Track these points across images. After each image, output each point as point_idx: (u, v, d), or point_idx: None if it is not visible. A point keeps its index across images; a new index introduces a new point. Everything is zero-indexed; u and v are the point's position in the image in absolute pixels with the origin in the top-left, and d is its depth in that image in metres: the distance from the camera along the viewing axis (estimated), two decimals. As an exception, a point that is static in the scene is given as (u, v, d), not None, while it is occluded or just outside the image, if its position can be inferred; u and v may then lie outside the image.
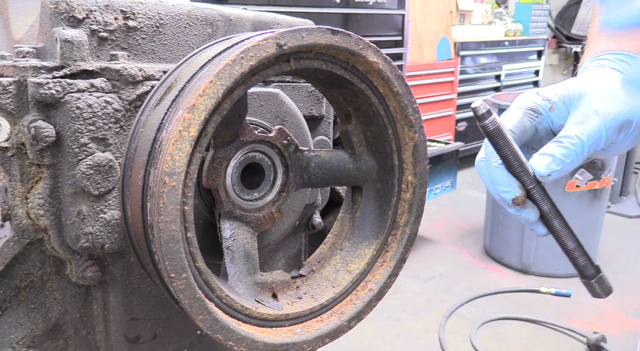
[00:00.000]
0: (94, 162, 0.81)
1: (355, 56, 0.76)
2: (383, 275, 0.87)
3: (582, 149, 0.83)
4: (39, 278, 0.88)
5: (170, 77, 0.81)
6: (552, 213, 0.86)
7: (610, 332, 3.22)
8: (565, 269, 3.98)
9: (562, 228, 0.87)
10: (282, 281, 0.84)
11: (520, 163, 0.84)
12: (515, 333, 3.32)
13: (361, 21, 4.68)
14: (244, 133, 0.81)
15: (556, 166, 0.83)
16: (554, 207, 0.87)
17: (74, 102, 0.79)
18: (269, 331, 0.76)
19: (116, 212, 0.85)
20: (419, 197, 0.87)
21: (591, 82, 0.88)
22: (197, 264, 0.69)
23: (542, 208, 0.86)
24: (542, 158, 0.84)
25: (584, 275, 0.89)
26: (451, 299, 3.67)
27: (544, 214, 0.87)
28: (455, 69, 6.28)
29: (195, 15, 0.95)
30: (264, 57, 0.68)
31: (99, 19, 0.85)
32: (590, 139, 0.83)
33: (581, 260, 0.88)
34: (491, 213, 4.29)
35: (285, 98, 0.99)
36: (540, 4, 8.01)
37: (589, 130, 0.83)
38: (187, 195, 0.66)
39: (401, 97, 0.82)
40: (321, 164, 0.86)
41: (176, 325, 1.01)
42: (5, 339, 0.87)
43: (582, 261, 0.88)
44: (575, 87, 0.88)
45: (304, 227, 1.13)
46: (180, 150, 0.63)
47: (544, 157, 0.84)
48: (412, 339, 3.24)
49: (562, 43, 9.13)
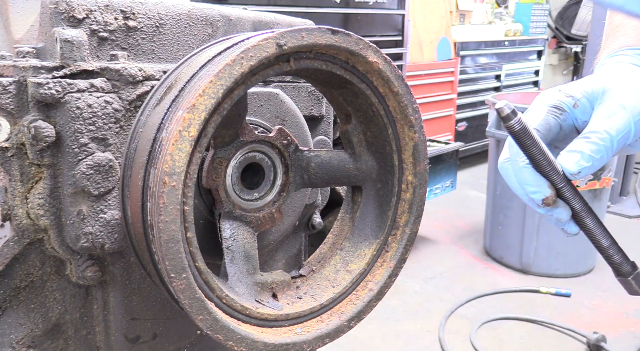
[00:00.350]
0: (94, 162, 0.81)
1: (355, 56, 0.76)
2: (383, 275, 0.87)
3: (612, 144, 0.81)
4: (39, 278, 0.88)
5: (170, 77, 0.81)
6: (584, 211, 0.84)
7: (610, 332, 3.22)
8: (565, 269, 3.98)
9: (596, 226, 0.85)
10: (282, 281, 0.84)
11: (549, 162, 0.81)
12: (515, 333, 3.32)
13: (361, 21, 4.68)
14: (244, 133, 0.81)
15: (586, 163, 0.81)
16: (586, 205, 0.84)
17: (74, 102, 0.79)
18: (269, 331, 0.76)
19: (116, 212, 0.85)
20: (419, 197, 0.87)
21: (614, 77, 0.87)
22: (197, 264, 0.69)
23: (573, 206, 0.84)
24: (571, 156, 0.82)
25: (620, 273, 0.86)
26: (451, 299, 3.67)
27: (575, 213, 0.84)
28: (455, 69, 6.28)
29: (195, 15, 0.95)
30: (264, 57, 0.68)
31: (99, 19, 0.85)
32: (619, 133, 0.81)
33: (616, 258, 0.85)
34: (491, 213, 4.29)
35: (285, 98, 0.99)
36: (540, 4, 8.01)
37: (617, 124, 0.81)
38: (187, 195, 0.66)
39: (401, 97, 0.82)
40: (321, 164, 0.86)
41: (176, 325, 1.01)
42: (5, 339, 0.87)
43: (618, 258, 0.85)
44: (598, 83, 0.86)
45: (304, 227, 1.13)
46: (180, 150, 0.63)
47: (573, 154, 0.82)
48: (412, 339, 3.24)
49: (562, 43, 9.13)
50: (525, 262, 4.04)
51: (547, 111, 0.86)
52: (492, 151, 4.24)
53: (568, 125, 0.88)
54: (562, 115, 0.86)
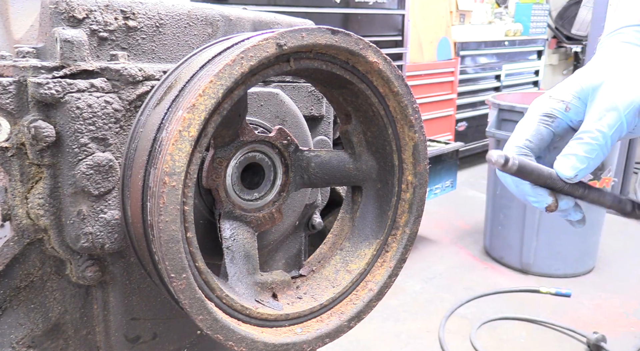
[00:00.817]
0: (94, 162, 0.81)
1: (355, 56, 0.76)
2: (383, 275, 0.87)
3: (605, 141, 0.81)
4: (39, 278, 0.88)
5: (170, 77, 0.81)
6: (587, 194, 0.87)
7: (610, 332, 3.22)
8: (565, 269, 3.98)
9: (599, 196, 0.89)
10: (282, 281, 0.84)
11: (546, 176, 0.83)
12: (515, 333, 3.32)
13: (361, 21, 4.68)
14: (244, 133, 0.81)
15: (581, 164, 0.82)
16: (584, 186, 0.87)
17: (74, 102, 0.79)
18: (269, 331, 0.76)
19: (116, 212, 0.85)
20: (419, 197, 0.87)
21: (602, 71, 0.87)
22: (197, 264, 0.69)
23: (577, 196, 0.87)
24: (565, 160, 0.83)
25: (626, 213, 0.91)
26: (451, 299, 3.67)
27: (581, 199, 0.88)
28: (455, 69, 6.28)
29: (195, 15, 0.95)
30: (264, 57, 0.68)
31: (99, 19, 0.85)
32: (611, 129, 0.81)
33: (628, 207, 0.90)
34: (491, 213, 4.29)
35: (285, 98, 0.99)
36: (540, 4, 8.01)
37: (607, 120, 0.81)
38: (187, 195, 0.66)
39: (401, 97, 0.82)
40: (321, 164, 0.86)
41: (176, 325, 1.01)
42: (5, 339, 0.87)
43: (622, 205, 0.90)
44: (587, 80, 0.87)
45: (304, 227, 1.13)
46: (180, 150, 0.63)
47: (567, 158, 0.83)
48: (412, 339, 3.24)
49: (562, 43, 9.13)
50: (525, 262, 4.04)
51: (539, 121, 0.88)
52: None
53: (562, 129, 0.89)
54: (554, 122, 0.88)
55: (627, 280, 3.96)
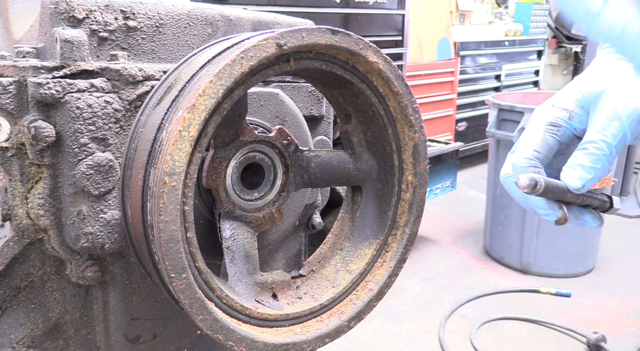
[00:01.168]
0: (94, 162, 0.81)
1: (355, 56, 0.76)
2: (383, 275, 0.87)
3: (610, 150, 0.82)
4: (39, 278, 0.88)
5: (170, 77, 0.81)
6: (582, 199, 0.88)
7: (610, 332, 3.22)
8: (565, 269, 3.98)
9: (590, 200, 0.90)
10: (282, 281, 0.84)
11: (561, 191, 0.84)
12: (515, 333, 3.32)
13: (361, 21, 4.68)
14: (244, 133, 0.81)
15: (587, 175, 0.82)
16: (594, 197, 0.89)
17: (74, 102, 0.79)
18: (269, 331, 0.76)
19: (116, 212, 0.85)
20: (419, 197, 0.87)
21: (603, 78, 0.87)
22: (197, 264, 0.69)
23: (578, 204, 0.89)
24: (571, 172, 0.83)
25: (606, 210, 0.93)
26: (451, 299, 3.67)
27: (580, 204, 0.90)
28: (455, 69, 6.28)
29: (195, 15, 0.95)
30: (264, 57, 0.68)
31: (99, 19, 0.85)
32: (615, 138, 0.82)
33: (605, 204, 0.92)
34: (491, 213, 4.29)
35: (285, 98, 0.99)
36: (540, 4, 8.00)
37: (611, 130, 0.82)
38: (187, 195, 0.66)
39: (401, 97, 0.82)
40: (321, 164, 0.86)
41: (176, 325, 1.01)
42: (5, 339, 0.87)
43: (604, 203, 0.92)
44: (589, 87, 0.88)
45: (304, 227, 1.13)
46: (180, 150, 0.63)
47: (574, 169, 0.83)
48: (412, 339, 3.24)
49: (562, 43, 9.12)
50: (525, 262, 4.05)
51: (544, 130, 0.88)
52: (492, 151, 4.24)
53: (568, 137, 0.89)
54: (559, 131, 0.88)
55: (627, 280, 3.96)
